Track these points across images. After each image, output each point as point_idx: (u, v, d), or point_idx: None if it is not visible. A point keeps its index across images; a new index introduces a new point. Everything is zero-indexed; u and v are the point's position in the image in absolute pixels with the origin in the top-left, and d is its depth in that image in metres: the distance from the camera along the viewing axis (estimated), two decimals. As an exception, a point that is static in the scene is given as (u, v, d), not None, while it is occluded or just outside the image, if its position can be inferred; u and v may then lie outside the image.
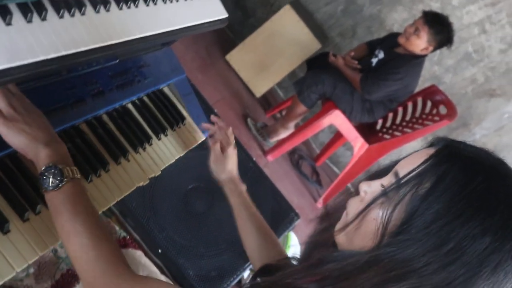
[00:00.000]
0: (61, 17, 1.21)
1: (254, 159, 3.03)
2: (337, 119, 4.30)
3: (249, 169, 3.00)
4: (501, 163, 1.03)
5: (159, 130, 1.76)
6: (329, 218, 1.25)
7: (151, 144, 1.70)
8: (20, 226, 1.24)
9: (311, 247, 1.30)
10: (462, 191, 0.96)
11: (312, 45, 4.69)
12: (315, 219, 1.31)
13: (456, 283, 0.94)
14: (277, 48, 4.72)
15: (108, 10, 1.36)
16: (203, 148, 1.94)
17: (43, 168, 1.19)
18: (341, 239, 1.12)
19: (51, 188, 1.19)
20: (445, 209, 0.95)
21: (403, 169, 1.04)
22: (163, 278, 2.28)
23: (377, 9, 4.88)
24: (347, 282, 1.00)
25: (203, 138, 1.97)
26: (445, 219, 0.95)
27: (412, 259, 0.95)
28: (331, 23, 5.03)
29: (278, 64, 4.77)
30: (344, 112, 4.27)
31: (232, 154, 1.79)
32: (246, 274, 2.75)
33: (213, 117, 1.89)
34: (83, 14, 1.28)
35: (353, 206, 1.11)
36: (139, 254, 2.20)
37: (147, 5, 1.51)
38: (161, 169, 1.69)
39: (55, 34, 1.18)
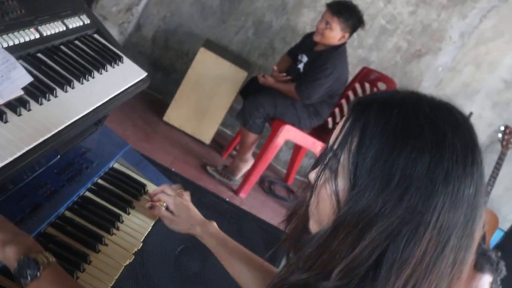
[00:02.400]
0: (-15, 131, 1.18)
1: (227, 199, 3.00)
2: (289, 133, 4.31)
3: (226, 211, 2.95)
4: (411, 93, 1.08)
5: (125, 206, 1.72)
6: (294, 215, 1.27)
7: (122, 222, 1.66)
8: None
9: (287, 247, 1.31)
10: (386, 129, 1.00)
11: (238, 76, 4.70)
12: (282, 222, 1.31)
13: (418, 207, 0.97)
14: (208, 91, 4.73)
15: (29, 110, 1.33)
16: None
17: (16, 265, 1.16)
18: (312, 228, 1.13)
19: (30, 280, 1.16)
20: (379, 151, 0.99)
21: (332, 140, 1.08)
22: None
23: (284, 19, 4.95)
24: (325, 255, 1.02)
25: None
26: (382, 159, 0.98)
27: (369, 205, 0.98)
28: (248, 48, 5.07)
29: (214, 106, 4.77)
30: (293, 125, 4.29)
31: (180, 203, 1.71)
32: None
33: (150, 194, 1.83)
34: (5, 122, 1.24)
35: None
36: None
37: (66, 91, 1.50)
38: (141, 240, 1.65)
39: (-15, 149, 1.15)
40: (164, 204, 1.76)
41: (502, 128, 4.92)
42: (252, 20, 5.00)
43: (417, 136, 0.99)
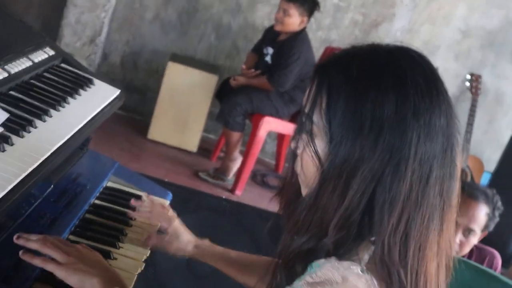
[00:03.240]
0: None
1: (223, 197, 3.01)
2: (270, 124, 4.33)
3: (225, 208, 2.97)
4: (367, 44, 1.09)
5: (126, 219, 1.71)
6: (286, 187, 1.24)
7: (126, 234, 1.64)
8: None
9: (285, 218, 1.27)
10: (348, 81, 1.02)
11: (210, 81, 4.70)
12: (275, 198, 1.28)
13: (395, 145, 0.98)
14: (184, 102, 4.73)
15: (12, 144, 1.31)
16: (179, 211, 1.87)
17: None
18: (304, 193, 1.12)
19: None
20: (347, 102, 1.01)
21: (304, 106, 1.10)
22: None
23: (242, 18, 4.96)
24: (318, 213, 1.03)
25: (168, 202, 1.93)
26: (351, 109, 1.00)
27: (348, 155, 1.00)
28: (214, 53, 5.07)
29: (193, 115, 4.77)
30: (272, 115, 4.30)
31: (174, 231, 1.64)
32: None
33: (133, 202, 1.74)
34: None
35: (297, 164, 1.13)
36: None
37: (44, 121, 1.48)
38: (149, 248, 1.64)
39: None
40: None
41: (468, 76, 4.97)
42: (211, 25, 5.00)
43: (378, 79, 1.01)
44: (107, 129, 4.42)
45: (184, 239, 1.63)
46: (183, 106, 4.74)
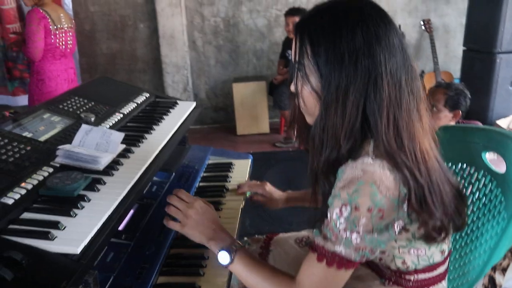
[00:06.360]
0: (112, 175, 1.11)
1: (290, 149, 2.88)
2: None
3: (293, 156, 2.84)
4: (324, 2, 0.95)
5: (225, 176, 1.63)
6: (293, 120, 1.09)
7: (228, 189, 1.55)
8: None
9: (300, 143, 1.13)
10: (324, 29, 0.89)
11: (261, 86, 4.57)
12: (288, 132, 1.14)
13: (370, 66, 0.85)
14: (251, 104, 4.62)
15: (132, 152, 1.26)
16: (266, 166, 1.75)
17: (217, 255, 1.03)
18: (309, 121, 0.98)
19: (229, 264, 1.01)
20: (326, 45, 0.88)
21: (293, 57, 0.96)
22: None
23: (267, 41, 4.82)
24: (329, 131, 0.89)
25: (250, 160, 1.83)
26: (331, 49, 0.87)
27: (338, 82, 0.86)
28: (258, 69, 4.94)
29: (259, 110, 4.65)
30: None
31: (269, 192, 1.48)
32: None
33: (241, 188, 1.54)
34: (122, 164, 1.17)
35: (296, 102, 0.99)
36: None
37: (150, 134, 1.42)
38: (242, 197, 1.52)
39: (113, 191, 1.07)
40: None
41: (422, 22, 4.59)
42: (251, 53, 4.87)
43: (344, 21, 0.87)
44: (213, 138, 4.42)
45: (276, 196, 1.47)
46: (251, 107, 4.62)
